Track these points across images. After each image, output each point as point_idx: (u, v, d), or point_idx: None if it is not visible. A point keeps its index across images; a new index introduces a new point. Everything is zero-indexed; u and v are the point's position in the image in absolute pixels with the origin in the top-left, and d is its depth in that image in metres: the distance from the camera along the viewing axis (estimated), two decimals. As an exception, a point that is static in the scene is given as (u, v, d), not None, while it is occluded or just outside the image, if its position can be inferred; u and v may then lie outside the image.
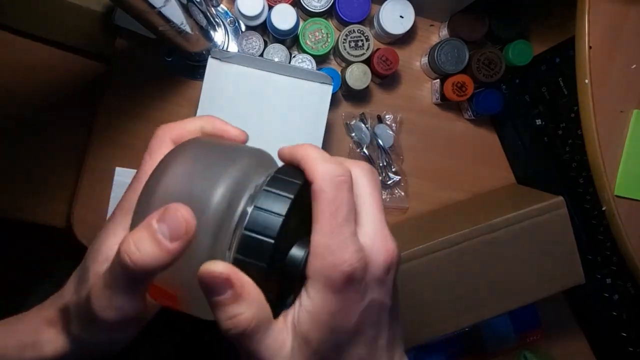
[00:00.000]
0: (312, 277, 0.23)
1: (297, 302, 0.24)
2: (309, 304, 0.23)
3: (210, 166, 0.24)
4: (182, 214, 0.22)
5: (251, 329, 0.22)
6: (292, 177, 0.24)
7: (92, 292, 0.25)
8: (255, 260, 0.22)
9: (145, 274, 0.22)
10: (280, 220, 0.22)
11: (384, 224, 0.26)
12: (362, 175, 0.26)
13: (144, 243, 0.22)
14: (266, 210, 0.23)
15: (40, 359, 0.29)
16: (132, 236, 0.22)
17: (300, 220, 0.25)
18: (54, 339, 0.29)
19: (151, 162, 0.27)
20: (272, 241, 0.22)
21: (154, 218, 0.22)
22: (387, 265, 0.24)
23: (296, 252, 0.24)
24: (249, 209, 0.23)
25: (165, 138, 0.29)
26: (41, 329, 0.29)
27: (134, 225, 0.24)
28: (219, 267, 0.22)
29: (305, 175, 0.25)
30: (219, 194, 0.23)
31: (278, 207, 0.23)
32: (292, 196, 0.23)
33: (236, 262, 0.23)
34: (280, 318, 0.24)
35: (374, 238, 0.25)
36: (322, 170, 0.24)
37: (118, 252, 0.23)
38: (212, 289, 0.22)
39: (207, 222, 0.22)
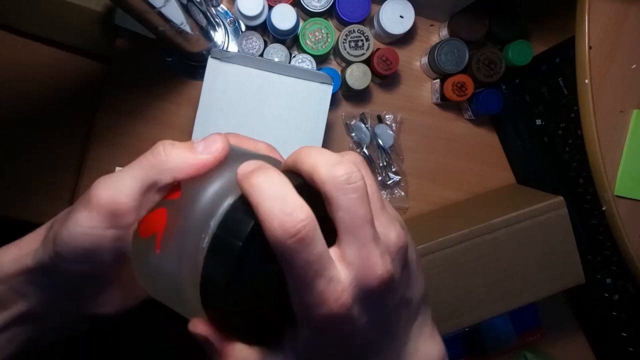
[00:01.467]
0: (298, 320, 0.22)
1: (291, 335, 0.23)
2: (300, 342, 0.23)
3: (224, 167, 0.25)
4: (221, 139, 0.24)
5: None
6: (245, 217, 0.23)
7: (100, 178, 0.24)
8: (232, 238, 0.21)
9: (169, 169, 0.24)
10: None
11: (370, 243, 0.22)
12: (338, 194, 0.22)
13: (181, 145, 0.24)
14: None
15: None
16: (167, 140, 0.25)
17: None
18: (34, 249, 0.26)
19: None
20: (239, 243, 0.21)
21: (203, 141, 0.24)
22: (377, 291, 0.22)
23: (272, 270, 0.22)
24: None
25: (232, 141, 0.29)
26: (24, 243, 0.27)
27: None
28: (197, 327, 0.23)
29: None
30: (213, 188, 0.23)
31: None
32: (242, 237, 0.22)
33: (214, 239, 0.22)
34: (279, 354, 0.23)
35: (358, 267, 0.22)
36: (273, 233, 0.20)
37: (154, 146, 0.25)
38: (199, 342, 0.23)
39: (200, 210, 0.22)
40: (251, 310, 0.22)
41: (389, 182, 0.67)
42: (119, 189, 0.23)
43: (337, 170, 0.21)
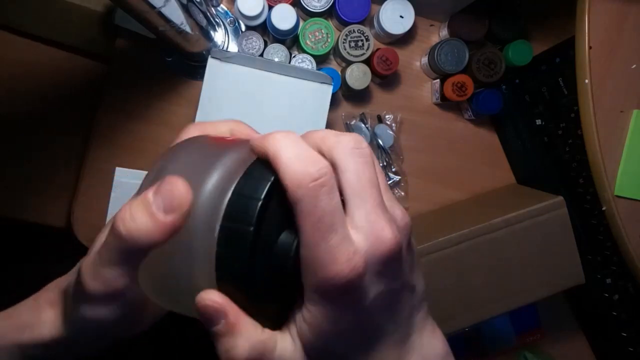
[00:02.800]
0: (307, 290, 0.22)
1: (298, 315, 0.23)
2: (308, 316, 0.23)
3: (210, 157, 0.24)
4: (177, 187, 0.21)
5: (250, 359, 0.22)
6: (262, 175, 0.23)
7: (84, 263, 0.24)
8: (242, 224, 0.21)
9: (138, 246, 0.22)
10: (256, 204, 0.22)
11: (378, 207, 0.22)
12: (346, 157, 0.23)
13: (139, 213, 0.21)
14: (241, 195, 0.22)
15: (38, 340, 0.28)
16: (128, 205, 0.22)
17: (286, 213, 0.23)
18: (52, 320, 0.28)
19: None
20: (251, 228, 0.21)
21: (151, 190, 0.22)
22: (387, 258, 0.22)
23: (285, 239, 0.23)
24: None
25: (196, 134, 0.28)
26: (42, 309, 0.29)
27: None
28: (212, 296, 0.22)
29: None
30: (212, 180, 0.23)
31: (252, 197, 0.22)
32: (259, 196, 0.22)
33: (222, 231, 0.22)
34: (287, 335, 0.24)
35: (367, 233, 0.22)
36: (293, 176, 0.21)
37: (114, 221, 0.22)
38: (206, 318, 0.22)
39: (202, 206, 0.22)
40: (264, 288, 0.23)
41: (389, 182, 0.67)
42: (104, 278, 0.24)
43: (344, 137, 0.23)
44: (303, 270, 0.22)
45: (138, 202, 0.22)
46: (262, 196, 0.22)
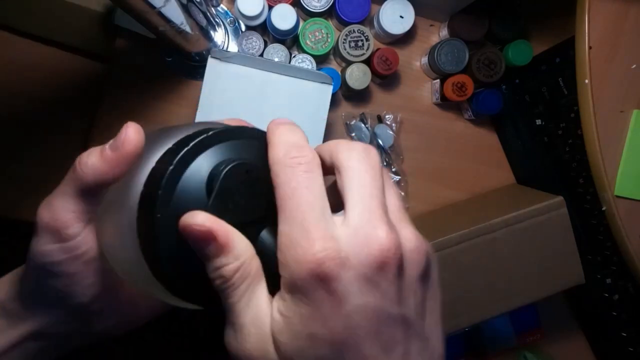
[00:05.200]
0: (281, 274, 0.20)
1: (274, 303, 0.21)
2: (280, 304, 0.21)
3: (171, 132, 0.25)
4: (127, 130, 0.24)
5: (237, 279, 0.21)
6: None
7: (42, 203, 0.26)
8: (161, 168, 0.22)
9: (85, 178, 0.24)
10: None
11: (377, 210, 0.20)
12: (350, 159, 0.22)
13: (94, 151, 0.25)
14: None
15: None
16: (91, 148, 0.25)
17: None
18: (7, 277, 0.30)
19: None
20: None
21: (113, 139, 0.24)
22: (376, 261, 0.19)
23: (266, 234, 0.23)
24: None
25: None
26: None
27: None
28: (198, 219, 0.20)
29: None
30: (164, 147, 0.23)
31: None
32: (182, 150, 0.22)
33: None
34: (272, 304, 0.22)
35: (357, 228, 0.20)
36: (274, 154, 0.21)
37: (75, 161, 0.25)
38: (195, 242, 0.21)
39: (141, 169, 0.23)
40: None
41: (389, 182, 0.67)
42: (54, 206, 0.26)
43: (356, 144, 0.23)
44: (278, 252, 0.21)
45: (98, 146, 0.25)
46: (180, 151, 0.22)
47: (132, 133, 0.24)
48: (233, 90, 0.53)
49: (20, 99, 0.64)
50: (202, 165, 0.22)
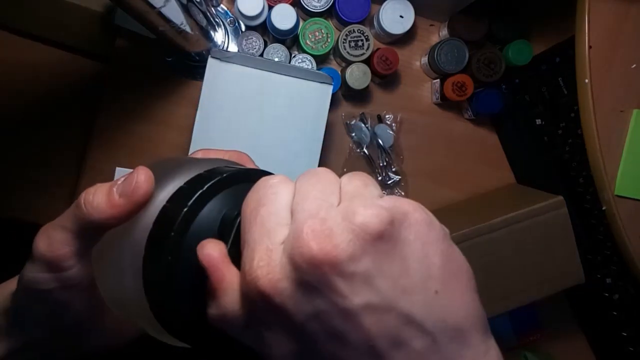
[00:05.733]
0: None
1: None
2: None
3: (191, 164, 0.25)
4: (138, 176, 0.23)
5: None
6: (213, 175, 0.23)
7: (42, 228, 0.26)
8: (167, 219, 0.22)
9: (89, 218, 0.23)
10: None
11: (320, 195, 0.20)
12: (298, 180, 0.22)
13: (101, 191, 0.24)
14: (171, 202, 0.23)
15: None
16: (97, 185, 0.24)
17: None
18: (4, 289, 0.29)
19: None
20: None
21: (122, 178, 0.24)
22: (306, 262, 0.18)
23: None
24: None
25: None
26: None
27: None
28: (209, 248, 0.21)
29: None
30: (170, 188, 0.23)
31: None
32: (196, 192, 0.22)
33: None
34: None
35: (296, 220, 0.20)
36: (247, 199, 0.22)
37: (79, 197, 0.24)
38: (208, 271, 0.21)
39: (154, 209, 0.23)
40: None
41: (389, 182, 0.67)
42: (52, 239, 0.25)
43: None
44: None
45: (107, 184, 0.24)
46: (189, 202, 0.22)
47: (142, 180, 0.23)
48: (233, 90, 0.53)
49: (21, 99, 0.64)
50: (215, 208, 0.22)
